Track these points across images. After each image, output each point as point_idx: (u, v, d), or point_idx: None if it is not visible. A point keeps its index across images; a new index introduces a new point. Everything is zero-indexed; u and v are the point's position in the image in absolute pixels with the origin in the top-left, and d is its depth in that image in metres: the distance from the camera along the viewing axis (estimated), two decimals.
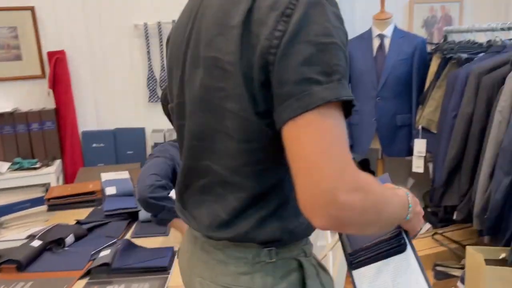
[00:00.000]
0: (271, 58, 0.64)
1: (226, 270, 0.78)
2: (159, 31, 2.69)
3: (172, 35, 0.87)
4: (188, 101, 0.79)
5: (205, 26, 0.73)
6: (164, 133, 2.70)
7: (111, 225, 1.87)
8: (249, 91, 0.68)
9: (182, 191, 0.88)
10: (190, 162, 0.83)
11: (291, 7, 0.63)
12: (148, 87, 2.75)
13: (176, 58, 0.82)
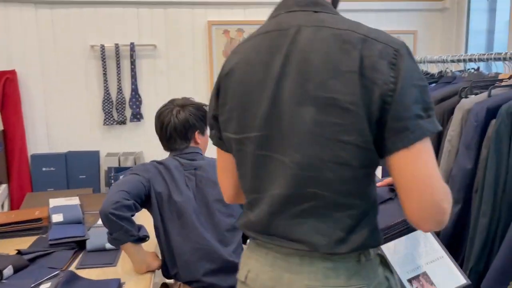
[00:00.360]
0: (388, 99, 0.80)
1: (337, 274, 0.90)
2: (117, 53, 2.64)
3: (238, 71, 0.93)
4: (287, 134, 0.88)
5: (313, 70, 0.84)
6: (119, 157, 2.62)
7: (55, 255, 1.76)
8: (368, 125, 0.81)
9: (270, 218, 0.94)
10: (289, 190, 0.90)
11: (395, 57, 0.80)
12: (103, 110, 2.68)
13: (255, 93, 0.91)
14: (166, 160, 1.67)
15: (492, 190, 1.59)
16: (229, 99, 0.95)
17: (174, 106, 1.67)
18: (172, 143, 1.67)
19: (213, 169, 1.63)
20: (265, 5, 2.73)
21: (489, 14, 3.02)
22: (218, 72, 0.97)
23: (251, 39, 0.95)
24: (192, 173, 1.64)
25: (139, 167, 1.66)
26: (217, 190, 1.57)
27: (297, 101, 0.85)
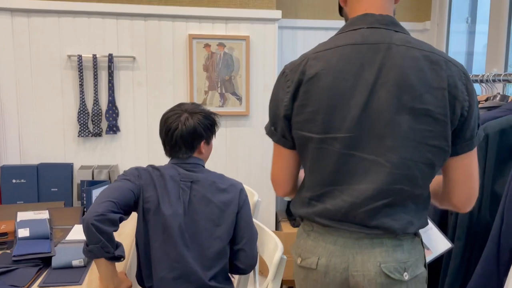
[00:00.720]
0: (465, 114, 1.05)
1: (402, 250, 1.11)
2: (94, 64, 2.59)
3: (325, 77, 1.06)
4: (381, 138, 1.05)
5: (410, 84, 1.03)
6: (93, 170, 2.55)
7: (18, 272, 1.68)
8: (450, 132, 1.05)
9: (353, 207, 1.09)
10: (381, 186, 1.06)
11: (465, 79, 1.06)
12: (78, 121, 2.61)
13: (345, 99, 1.05)
14: (164, 168, 1.59)
15: (467, 213, 1.57)
16: (313, 102, 1.08)
17: (182, 111, 1.58)
18: (176, 151, 1.59)
19: (210, 186, 1.56)
20: (247, 20, 2.72)
21: (468, 36, 3.07)
22: (198, 85, 1.04)
23: (335, 47, 1.08)
24: (188, 186, 1.55)
25: (133, 172, 1.58)
26: (210, 209, 1.53)
27: (394, 109, 1.04)
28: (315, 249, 1.15)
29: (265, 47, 2.76)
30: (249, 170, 2.86)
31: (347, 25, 1.13)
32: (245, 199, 1.60)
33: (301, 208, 1.18)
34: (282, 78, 1.15)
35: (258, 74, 2.78)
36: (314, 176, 1.13)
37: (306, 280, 1.19)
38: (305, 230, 1.20)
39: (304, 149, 1.14)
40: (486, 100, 1.96)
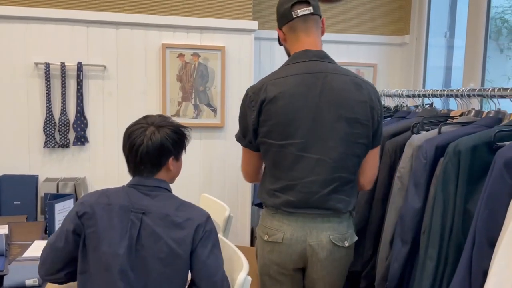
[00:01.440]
0: (379, 119, 1.51)
1: (342, 225, 1.55)
2: (62, 73, 2.49)
3: (282, 99, 1.44)
4: (322, 140, 1.45)
5: (344, 101, 1.46)
6: (58, 183, 2.44)
7: None
8: (371, 133, 1.50)
9: (310, 196, 1.48)
10: (326, 176, 1.47)
11: (376, 94, 1.52)
12: (44, 131, 2.51)
13: (297, 114, 1.44)
14: (115, 194, 1.43)
15: (439, 232, 1.51)
16: (274, 117, 1.44)
17: (148, 125, 1.42)
18: (141, 169, 1.42)
19: (162, 220, 1.36)
20: (223, 30, 2.66)
21: (447, 51, 3.05)
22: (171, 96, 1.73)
23: (287, 76, 1.46)
24: (139, 218, 1.35)
25: (78, 203, 1.44)
26: (159, 247, 1.33)
27: (334, 119, 1.44)
28: (280, 227, 1.52)
29: (240, 58, 2.70)
30: (224, 183, 2.77)
31: (293, 58, 1.52)
32: (203, 236, 1.37)
33: (268, 198, 1.54)
34: (247, 99, 1.50)
35: (233, 86, 2.71)
36: (276, 173, 1.51)
37: (272, 253, 1.54)
38: (270, 214, 1.55)
39: (267, 152, 1.51)
40: (460, 115, 1.92)
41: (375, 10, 3.14)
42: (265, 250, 1.56)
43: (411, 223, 1.67)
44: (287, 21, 1.53)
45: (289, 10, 1.52)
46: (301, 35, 1.53)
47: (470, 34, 2.43)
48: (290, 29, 1.54)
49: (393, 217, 1.80)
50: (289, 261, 1.53)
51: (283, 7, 1.54)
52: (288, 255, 1.52)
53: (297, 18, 1.52)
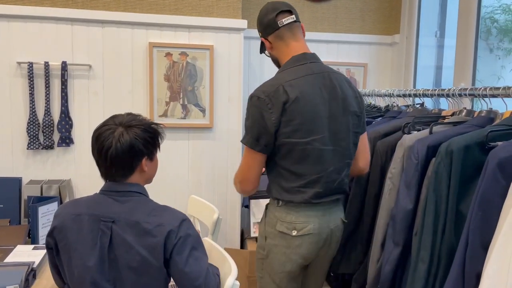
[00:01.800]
0: (363, 109, 1.73)
1: (342, 209, 1.78)
2: (46, 72, 2.43)
3: (302, 98, 1.54)
4: (335, 133, 1.61)
5: (345, 96, 1.64)
6: (42, 185, 2.37)
7: None
8: (362, 123, 1.71)
9: (330, 185, 1.64)
10: (339, 164, 1.64)
11: (357, 89, 1.74)
12: (28, 133, 2.44)
13: (317, 111, 1.57)
14: (85, 203, 1.36)
15: (431, 234, 1.48)
16: (298, 117, 1.54)
17: (116, 125, 1.32)
18: (113, 173, 1.34)
19: (132, 228, 1.28)
20: (211, 29, 2.62)
21: (437, 50, 3.04)
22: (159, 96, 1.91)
23: (299, 77, 1.57)
24: (109, 227, 1.28)
25: (50, 229, 1.38)
26: (131, 256, 1.27)
27: (341, 114, 1.62)
28: (309, 219, 1.63)
29: (230, 57, 2.66)
30: (213, 185, 2.73)
31: (294, 61, 1.62)
32: (177, 243, 1.28)
33: (291, 196, 1.61)
34: (261, 103, 1.54)
35: (222, 85, 2.67)
36: (298, 170, 1.59)
37: (301, 246, 1.63)
38: (292, 209, 1.63)
39: (290, 152, 1.57)
40: (452, 115, 1.89)
41: (365, 10, 3.12)
42: (292, 246, 1.63)
43: (402, 224, 1.64)
44: (273, 30, 1.64)
45: (274, 20, 1.63)
46: (290, 41, 1.65)
47: (461, 33, 2.42)
48: (277, 37, 1.65)
49: (385, 218, 1.77)
50: (316, 250, 1.67)
51: (267, 17, 1.65)
52: (317, 244, 1.66)
53: (283, 26, 1.63)
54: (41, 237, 2.16)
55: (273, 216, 1.66)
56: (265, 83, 1.59)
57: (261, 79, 2.95)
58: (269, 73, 2.95)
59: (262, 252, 1.72)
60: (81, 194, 2.54)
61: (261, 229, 1.78)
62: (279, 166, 1.61)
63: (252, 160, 1.60)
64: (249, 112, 1.57)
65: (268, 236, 1.68)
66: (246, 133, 1.59)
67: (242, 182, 1.66)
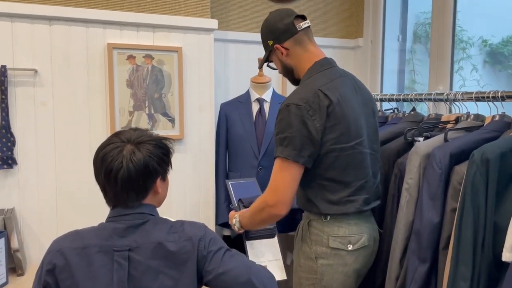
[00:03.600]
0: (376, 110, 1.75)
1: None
2: None
3: (342, 101, 1.50)
4: (369, 136, 1.61)
5: (369, 97, 1.67)
6: None
7: None
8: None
9: (371, 190, 1.62)
10: (374, 168, 1.64)
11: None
12: None
13: (355, 114, 1.53)
14: (90, 235, 1.15)
15: (471, 249, 1.38)
16: (342, 120, 1.47)
17: (124, 142, 1.16)
18: (123, 199, 1.16)
19: (155, 250, 1.13)
20: (178, 29, 2.34)
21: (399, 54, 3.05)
22: (121, 105, 1.61)
23: (333, 80, 1.52)
24: (125, 257, 1.12)
25: (46, 253, 1.15)
26: (160, 282, 1.11)
27: (370, 115, 1.64)
28: (361, 230, 1.56)
29: (200, 61, 2.40)
30: (185, 202, 2.43)
31: (320, 66, 1.57)
32: (209, 251, 1.18)
33: (340, 207, 1.52)
34: (301, 111, 1.44)
35: (192, 92, 2.39)
36: (345, 178, 1.52)
37: (357, 261, 1.56)
38: (344, 221, 1.55)
39: (337, 159, 1.50)
40: (455, 120, 1.84)
41: (327, 12, 3.03)
42: (348, 262, 1.55)
43: (429, 239, 1.54)
44: (291, 35, 1.57)
45: (292, 24, 1.56)
46: (309, 46, 1.60)
47: (435, 36, 2.41)
48: (295, 42, 1.58)
49: (403, 233, 1.65)
50: (369, 263, 1.64)
51: (283, 22, 1.57)
52: (370, 257, 1.63)
53: (301, 30, 1.58)
54: None
55: (321, 233, 1.56)
56: (297, 91, 1.51)
57: (226, 87, 2.72)
58: (235, 80, 2.74)
59: (314, 277, 1.56)
60: (29, 226, 2.10)
61: (305, 251, 1.59)
62: (321, 177, 1.52)
63: (290, 176, 1.45)
64: (286, 122, 1.45)
65: (319, 257, 1.56)
66: (283, 146, 1.45)
67: (276, 206, 1.46)
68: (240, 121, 2.45)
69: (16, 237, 1.93)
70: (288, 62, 1.63)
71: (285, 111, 1.46)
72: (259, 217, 1.55)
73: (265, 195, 1.51)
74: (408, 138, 1.84)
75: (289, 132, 1.45)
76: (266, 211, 1.50)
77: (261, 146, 2.42)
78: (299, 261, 1.63)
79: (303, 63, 1.59)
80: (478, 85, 2.85)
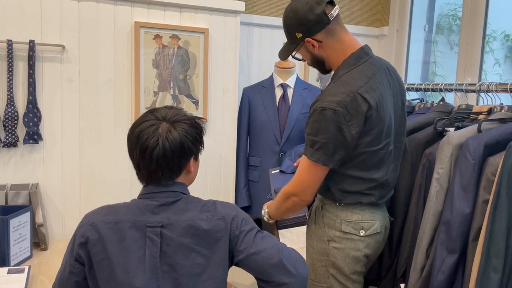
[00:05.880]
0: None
1: None
2: (9, 53, 1.96)
3: (380, 103, 1.44)
4: (396, 130, 1.57)
5: (402, 88, 1.59)
6: (7, 192, 1.93)
7: None
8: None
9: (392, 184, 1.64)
10: (396, 162, 1.63)
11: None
12: None
13: (391, 112, 1.50)
14: (123, 210, 1.14)
15: (504, 241, 1.36)
16: (377, 125, 1.43)
17: (159, 120, 1.15)
18: (157, 177, 1.16)
19: (188, 229, 1.12)
20: (205, 10, 2.31)
21: (425, 45, 3.00)
22: (146, 85, 1.55)
23: (370, 80, 1.43)
24: (157, 233, 1.11)
25: (78, 227, 1.15)
26: (192, 260, 1.10)
27: (401, 108, 1.57)
28: (373, 217, 1.56)
29: (225, 43, 2.37)
30: (205, 186, 2.43)
31: (355, 59, 1.47)
32: (241, 230, 1.18)
33: (359, 198, 1.52)
34: (337, 116, 1.38)
35: (217, 75, 2.38)
36: (370, 175, 1.50)
37: (369, 246, 1.55)
38: (357, 209, 1.54)
39: (365, 160, 1.48)
40: (487, 111, 1.81)
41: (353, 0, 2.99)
42: (360, 247, 1.55)
43: (460, 230, 1.51)
44: (323, 26, 1.45)
45: (324, 14, 1.43)
46: (342, 36, 1.49)
47: (466, 27, 2.36)
48: (328, 33, 1.47)
49: (431, 223, 1.63)
50: (379, 248, 1.63)
51: (314, 12, 1.42)
52: (381, 243, 1.62)
53: (333, 19, 1.46)
54: (13, 257, 1.75)
55: (334, 217, 1.55)
56: (332, 91, 1.41)
57: (249, 71, 2.70)
58: (257, 65, 2.71)
59: (326, 259, 1.56)
60: (52, 202, 2.11)
61: (318, 233, 1.59)
62: (343, 173, 1.51)
63: (316, 177, 1.47)
64: (321, 126, 1.40)
65: (332, 240, 1.56)
66: (315, 149, 1.42)
67: (300, 195, 1.51)
68: (263, 106, 2.43)
69: (40, 212, 1.94)
70: (319, 54, 1.52)
71: (321, 114, 1.39)
72: (284, 206, 1.57)
73: (289, 186, 1.52)
74: (438, 128, 1.81)
75: (322, 137, 1.41)
76: (291, 200, 1.52)
77: (283, 132, 2.40)
78: (312, 242, 1.63)
79: (337, 55, 1.49)
80: (501, 80, 2.81)
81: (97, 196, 2.19)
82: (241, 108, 2.50)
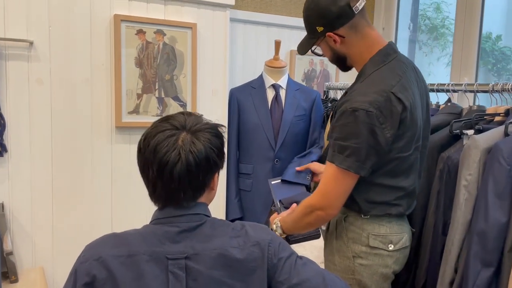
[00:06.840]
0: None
1: None
2: None
3: (413, 106, 1.32)
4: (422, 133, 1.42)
5: (426, 87, 1.48)
6: None
7: None
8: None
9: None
10: (419, 168, 1.46)
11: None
12: None
13: (420, 114, 1.38)
14: (136, 238, 0.95)
15: None
16: (410, 128, 1.33)
17: (178, 130, 0.98)
18: (178, 197, 0.97)
19: (217, 259, 0.95)
20: (192, 3, 2.09)
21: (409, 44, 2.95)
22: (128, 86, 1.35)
23: (401, 79, 1.32)
24: (182, 267, 0.92)
25: (80, 261, 0.93)
26: None
27: (426, 109, 1.46)
28: (402, 230, 1.44)
29: (214, 40, 2.16)
30: None
31: (383, 56, 1.36)
32: (276, 252, 1.02)
33: (387, 209, 1.40)
34: (370, 118, 1.25)
35: (206, 74, 2.16)
36: (399, 183, 1.39)
37: (397, 261, 1.43)
38: (384, 221, 1.41)
39: (396, 167, 1.36)
40: (505, 113, 1.74)
41: None
42: (389, 263, 1.43)
43: (497, 241, 1.42)
44: (348, 20, 1.32)
45: (348, 6, 1.30)
46: (367, 31, 1.36)
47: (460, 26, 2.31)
48: (351, 28, 1.34)
49: (460, 233, 1.53)
50: (404, 263, 1.50)
51: (338, 4, 1.30)
52: (407, 256, 1.50)
53: (358, 13, 1.32)
54: None
55: (360, 230, 1.42)
56: (362, 91, 1.29)
57: (244, 71, 2.50)
58: (242, 64, 2.52)
59: (351, 277, 1.43)
60: (20, 224, 1.80)
61: (340, 248, 1.46)
62: (371, 181, 1.37)
63: (346, 187, 1.32)
64: (352, 130, 1.26)
65: (358, 256, 1.42)
66: (345, 155, 1.29)
67: (326, 209, 1.34)
68: (254, 109, 2.25)
69: (9, 237, 1.64)
70: (341, 50, 1.39)
71: (352, 116, 1.26)
72: (305, 221, 1.41)
73: (313, 199, 1.37)
74: (454, 131, 1.71)
75: (354, 142, 1.27)
76: (314, 215, 1.37)
77: (278, 137, 2.23)
78: (334, 259, 1.50)
79: (362, 52, 1.37)
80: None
81: (73, 217, 1.90)
82: (230, 111, 2.30)
